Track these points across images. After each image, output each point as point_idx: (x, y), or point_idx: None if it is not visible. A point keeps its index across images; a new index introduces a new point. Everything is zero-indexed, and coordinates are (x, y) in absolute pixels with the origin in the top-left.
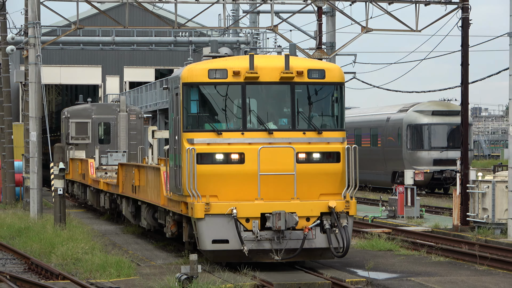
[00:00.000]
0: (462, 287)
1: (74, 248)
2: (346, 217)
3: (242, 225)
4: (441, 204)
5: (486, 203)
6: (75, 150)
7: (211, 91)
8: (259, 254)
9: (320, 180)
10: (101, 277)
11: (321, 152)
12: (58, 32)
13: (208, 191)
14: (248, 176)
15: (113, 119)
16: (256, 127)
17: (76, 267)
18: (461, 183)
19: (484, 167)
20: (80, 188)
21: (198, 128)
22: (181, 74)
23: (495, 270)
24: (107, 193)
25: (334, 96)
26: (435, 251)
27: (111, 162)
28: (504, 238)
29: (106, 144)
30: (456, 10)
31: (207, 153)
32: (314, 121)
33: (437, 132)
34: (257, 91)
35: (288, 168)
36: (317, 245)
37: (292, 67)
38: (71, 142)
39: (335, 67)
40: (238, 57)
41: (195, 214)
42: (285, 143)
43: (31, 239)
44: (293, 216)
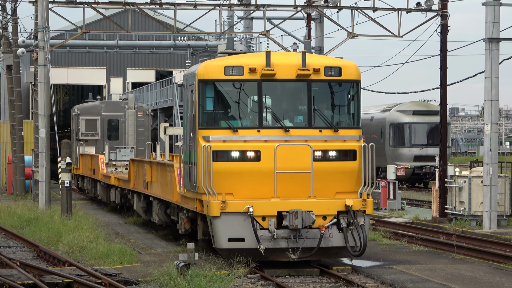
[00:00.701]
0: (440, 275)
1: (80, 237)
2: (363, 216)
3: (258, 224)
4: (421, 197)
5: (463, 197)
6: (85, 146)
7: (227, 88)
8: (275, 253)
9: (336, 179)
10: (104, 264)
11: (337, 150)
12: (66, 36)
13: (224, 188)
14: (264, 174)
15: (122, 116)
16: (272, 124)
17: (81, 255)
18: (439, 178)
19: (461, 163)
20: (90, 183)
21: (214, 125)
22: (196, 70)
23: (471, 259)
24: (118, 188)
25: (350, 93)
26: (415, 241)
27: (120, 157)
28: (479, 229)
29: (114, 140)
30: (436, 17)
31: (223, 151)
32: (330, 118)
33: (418, 130)
34: (273, 88)
35: (304, 166)
36: (333, 244)
37: (309, 64)
38: (81, 138)
39: (351, 65)
40: (254, 54)
41: (211, 212)
42: (301, 141)
43: (39, 229)
44: (310, 215)
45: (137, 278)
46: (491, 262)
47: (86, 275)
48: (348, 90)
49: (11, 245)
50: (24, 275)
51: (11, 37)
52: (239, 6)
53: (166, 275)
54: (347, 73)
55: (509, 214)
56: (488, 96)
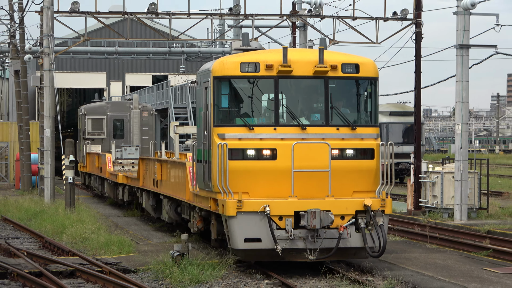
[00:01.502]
0: (415, 263)
1: (82, 229)
2: (382, 215)
3: (275, 223)
4: (397, 191)
5: (436, 191)
6: (92, 144)
7: (243, 85)
8: (292, 254)
9: (354, 177)
10: (105, 253)
11: (355, 149)
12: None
13: (239, 187)
14: (280, 173)
15: (127, 116)
16: (288, 122)
17: (84, 245)
18: (414, 174)
19: (434, 160)
20: (97, 181)
21: (229, 123)
22: (212, 67)
23: (443, 248)
24: (126, 186)
25: (368, 91)
26: (392, 232)
27: (125, 156)
28: (451, 221)
29: (120, 139)
30: (410, 25)
31: (238, 149)
32: (348, 116)
33: (394, 129)
34: (290, 85)
35: (322, 165)
36: (351, 245)
37: (326, 61)
38: (88, 137)
39: (369, 61)
40: (271, 51)
41: (227, 211)
42: (319, 139)
43: (45, 221)
44: (328, 215)
45: (135, 266)
46: (462, 251)
47: (88, 264)
48: (365, 87)
49: (19, 236)
50: (30, 264)
51: (19, 44)
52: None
53: (162, 264)
54: (365, 70)
55: (478, 207)
56: (459, 98)
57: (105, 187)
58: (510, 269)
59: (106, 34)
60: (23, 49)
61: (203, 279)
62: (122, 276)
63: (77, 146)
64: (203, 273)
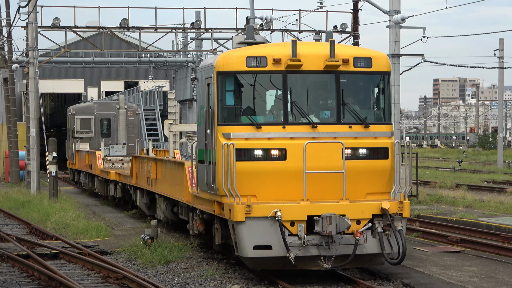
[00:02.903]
0: None
1: (64, 216)
2: (400, 219)
3: (286, 229)
4: None
5: None
6: (80, 143)
7: (249, 81)
8: (305, 261)
9: (367, 178)
10: (84, 238)
11: (368, 148)
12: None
13: (246, 190)
14: (289, 175)
15: (113, 115)
16: (298, 120)
17: (65, 231)
18: None
19: None
20: (87, 177)
21: (235, 121)
22: (215, 62)
23: None
24: (118, 183)
25: (381, 86)
26: None
27: (113, 153)
28: None
29: (107, 137)
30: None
31: (245, 149)
32: (360, 113)
33: None
34: (299, 80)
35: (334, 166)
36: (368, 251)
37: (337, 54)
38: (77, 136)
39: (382, 55)
40: (278, 44)
41: (235, 217)
42: (330, 138)
43: (31, 210)
44: (344, 220)
45: (111, 249)
46: None
47: (70, 247)
48: (378, 82)
49: (8, 223)
50: (19, 248)
51: (7, 55)
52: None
53: (134, 246)
54: (378, 64)
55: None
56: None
57: (95, 183)
58: (437, 248)
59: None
60: (11, 59)
61: (170, 259)
62: (100, 257)
63: (66, 144)
64: (170, 254)
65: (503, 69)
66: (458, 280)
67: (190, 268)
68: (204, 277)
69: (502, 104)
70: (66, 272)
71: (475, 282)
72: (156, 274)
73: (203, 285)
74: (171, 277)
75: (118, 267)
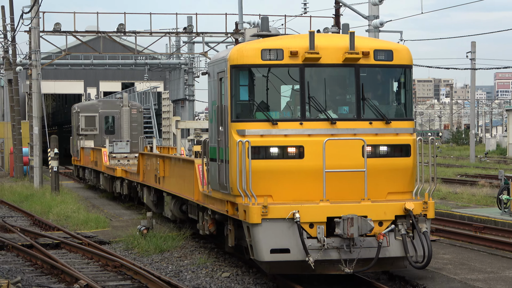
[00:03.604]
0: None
1: (65, 209)
2: (425, 220)
3: (305, 231)
4: None
5: None
6: (85, 140)
7: (264, 75)
8: (324, 265)
9: (388, 177)
10: (84, 228)
11: (389, 145)
12: (53, 57)
13: (261, 190)
14: (307, 173)
15: (117, 113)
16: (316, 116)
17: (66, 222)
18: None
19: None
20: (92, 174)
21: (249, 117)
22: (228, 55)
23: None
24: (125, 180)
25: (402, 80)
26: None
27: (117, 150)
28: None
29: (111, 134)
30: None
31: (261, 147)
32: (381, 109)
33: None
34: (317, 74)
35: (355, 164)
36: (391, 254)
37: (357, 47)
38: (81, 133)
39: (403, 48)
40: (295, 36)
41: (250, 218)
42: (350, 135)
43: (34, 203)
44: (367, 222)
45: (109, 239)
46: None
47: (70, 237)
48: (399, 76)
49: (13, 215)
50: (23, 238)
51: (11, 58)
52: (184, 33)
53: (131, 237)
54: (399, 57)
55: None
56: None
57: (100, 180)
58: None
59: (83, 49)
60: (15, 62)
61: (165, 249)
62: (99, 247)
63: (71, 141)
64: (165, 244)
65: (474, 70)
66: (434, 267)
67: (183, 257)
68: (196, 265)
69: (474, 103)
70: (67, 261)
71: (449, 269)
72: (151, 263)
73: (195, 272)
74: (165, 265)
75: (116, 256)
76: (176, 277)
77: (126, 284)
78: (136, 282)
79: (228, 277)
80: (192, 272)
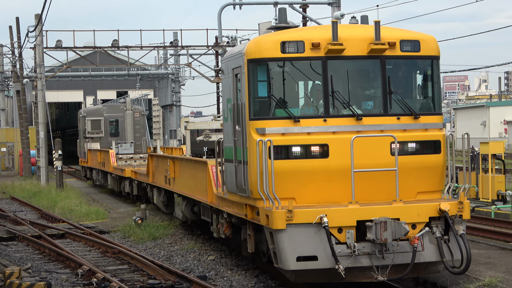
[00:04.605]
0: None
1: (69, 203)
2: (461, 222)
3: (333, 237)
4: None
5: None
6: (91, 142)
7: (284, 69)
8: (354, 272)
9: (418, 176)
10: (86, 220)
11: (419, 141)
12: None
13: (284, 193)
14: (332, 174)
15: (121, 117)
16: (340, 112)
17: (70, 215)
18: None
19: None
20: (99, 174)
21: (269, 114)
22: (245, 49)
23: None
24: (134, 180)
25: (430, 72)
26: None
27: (122, 151)
28: None
29: (115, 136)
30: None
31: (282, 146)
32: (409, 103)
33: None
34: (340, 67)
35: (383, 163)
36: (425, 259)
37: (383, 37)
38: (88, 136)
39: (431, 38)
40: (315, 27)
41: (274, 224)
42: (377, 131)
43: (42, 198)
44: (401, 225)
45: (108, 229)
46: None
47: (74, 228)
48: (427, 68)
49: (23, 210)
50: (32, 230)
51: (19, 72)
52: (171, 47)
53: (127, 226)
54: (427, 48)
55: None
56: None
57: (108, 180)
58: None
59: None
60: (22, 75)
61: (157, 236)
62: (99, 236)
63: (78, 144)
64: (157, 232)
65: None
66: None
67: (174, 243)
68: (185, 250)
69: None
70: (71, 249)
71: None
72: (145, 249)
73: (184, 256)
74: (158, 250)
75: (114, 243)
76: (168, 261)
77: (123, 268)
78: (133, 266)
79: (213, 259)
80: (182, 256)
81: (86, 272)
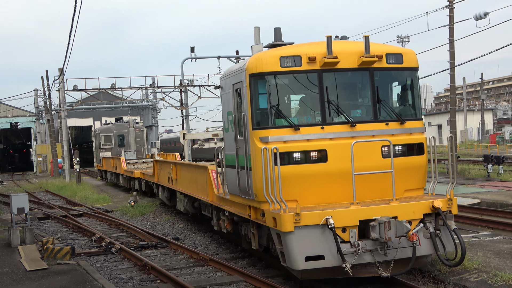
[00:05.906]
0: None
1: (85, 193)
2: (452, 217)
3: (338, 237)
4: None
5: None
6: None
7: (283, 81)
8: (357, 268)
9: (405, 175)
10: (97, 203)
11: (405, 144)
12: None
13: (287, 195)
14: (330, 176)
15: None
16: (335, 119)
17: (86, 201)
18: None
19: None
20: (112, 175)
21: (270, 124)
22: (246, 64)
23: None
24: (143, 180)
25: (411, 82)
26: None
27: (127, 157)
28: None
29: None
30: None
31: (285, 152)
32: (395, 110)
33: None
34: (334, 78)
35: (376, 165)
36: (421, 253)
37: (371, 51)
38: (102, 147)
39: (411, 51)
40: (310, 43)
41: (283, 227)
42: (369, 136)
43: (66, 190)
44: (403, 224)
45: (111, 209)
46: None
47: (89, 209)
48: (409, 78)
49: (54, 198)
50: (60, 211)
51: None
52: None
53: (124, 207)
54: (408, 60)
55: None
56: None
57: (120, 179)
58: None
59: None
60: (51, 109)
61: (145, 212)
62: (106, 214)
63: (94, 153)
64: (145, 210)
65: None
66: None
67: (156, 217)
68: (164, 221)
69: None
70: (87, 223)
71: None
72: (137, 221)
73: (163, 225)
74: (145, 222)
75: (116, 219)
76: (152, 229)
77: (123, 235)
78: (129, 233)
79: (182, 227)
80: (161, 225)
81: (98, 239)
